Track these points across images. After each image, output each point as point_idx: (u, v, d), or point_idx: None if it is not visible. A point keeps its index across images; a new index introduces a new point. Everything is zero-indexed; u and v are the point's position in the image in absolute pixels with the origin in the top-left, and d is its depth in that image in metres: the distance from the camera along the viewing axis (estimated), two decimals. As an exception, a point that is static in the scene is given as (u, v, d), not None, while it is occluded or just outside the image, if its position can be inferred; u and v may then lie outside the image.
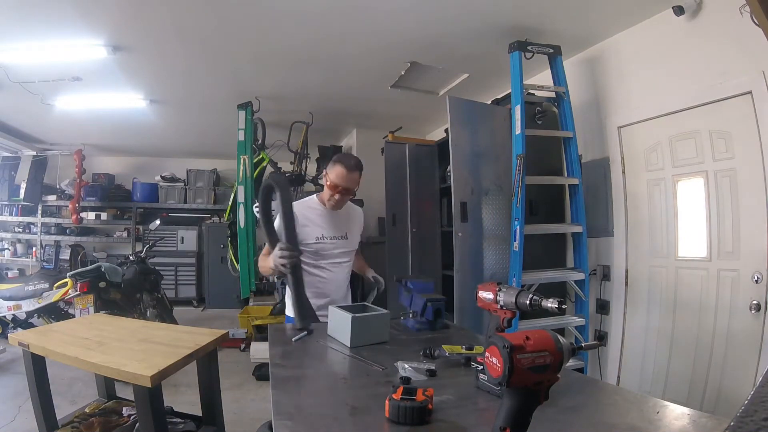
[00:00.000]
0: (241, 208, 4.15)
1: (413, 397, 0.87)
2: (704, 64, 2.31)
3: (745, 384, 2.12)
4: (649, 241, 2.69)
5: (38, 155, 5.87)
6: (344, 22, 2.74)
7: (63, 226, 6.37)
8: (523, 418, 0.64)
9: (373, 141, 4.96)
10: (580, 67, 3.10)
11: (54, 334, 2.07)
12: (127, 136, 5.62)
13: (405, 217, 3.94)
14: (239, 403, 2.99)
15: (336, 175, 1.81)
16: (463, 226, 2.89)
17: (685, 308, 2.46)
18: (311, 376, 1.16)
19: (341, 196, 1.84)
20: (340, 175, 1.81)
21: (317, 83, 3.84)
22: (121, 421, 2.15)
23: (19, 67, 3.29)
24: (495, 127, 3.10)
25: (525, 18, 2.65)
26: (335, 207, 1.89)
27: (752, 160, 2.12)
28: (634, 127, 2.76)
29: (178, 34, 2.90)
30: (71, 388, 3.03)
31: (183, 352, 1.75)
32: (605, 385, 1.37)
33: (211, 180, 6.87)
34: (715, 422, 0.87)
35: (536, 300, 0.99)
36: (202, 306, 6.50)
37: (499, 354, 0.62)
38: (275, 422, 0.89)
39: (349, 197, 1.90)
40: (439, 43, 3.03)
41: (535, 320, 2.59)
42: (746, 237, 2.18)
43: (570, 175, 2.92)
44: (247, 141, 4.20)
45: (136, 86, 3.87)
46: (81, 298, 3.49)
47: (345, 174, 1.81)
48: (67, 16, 2.60)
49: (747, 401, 0.36)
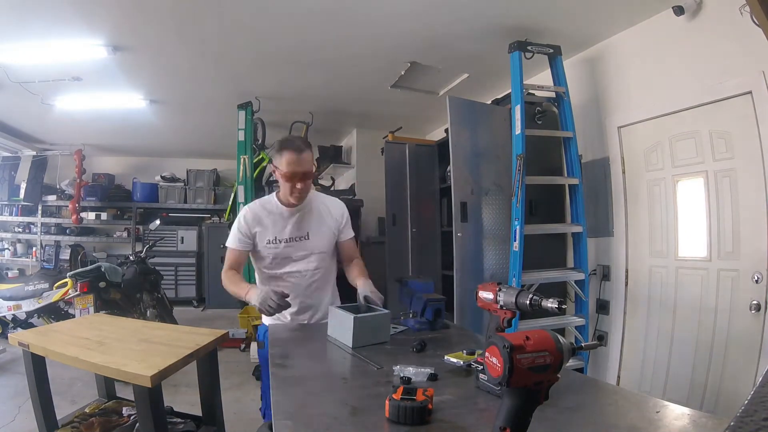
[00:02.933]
0: (241, 207, 4.14)
1: (413, 397, 0.87)
2: (704, 64, 2.31)
3: (745, 384, 2.12)
4: (649, 241, 2.69)
5: (38, 155, 5.87)
6: (344, 21, 2.74)
7: (63, 226, 6.37)
8: (523, 418, 0.64)
9: (373, 141, 4.96)
10: (580, 67, 3.10)
11: (54, 334, 2.06)
12: (127, 136, 5.62)
13: (405, 217, 3.94)
14: (239, 403, 2.98)
15: (288, 163, 1.64)
16: (463, 226, 2.89)
17: (685, 308, 2.46)
18: (311, 376, 1.16)
19: (302, 183, 1.66)
20: (291, 161, 1.64)
21: (317, 83, 3.84)
22: (121, 421, 2.14)
23: (19, 67, 3.29)
24: (495, 127, 3.10)
25: (525, 18, 2.65)
26: (301, 198, 1.72)
27: (752, 160, 2.12)
28: (634, 127, 2.76)
29: (178, 34, 2.90)
30: (71, 388, 3.03)
31: (183, 352, 1.74)
32: (605, 385, 1.37)
33: (211, 180, 6.87)
34: (715, 422, 0.87)
35: (536, 300, 0.99)
36: (202, 306, 6.49)
37: (499, 354, 0.62)
38: (275, 422, 0.89)
39: (310, 182, 1.73)
40: (439, 43, 3.02)
41: (535, 320, 2.59)
42: (746, 237, 2.18)
43: (570, 175, 2.92)
44: (247, 141, 4.20)
45: (136, 86, 3.87)
46: (81, 298, 3.48)
47: (296, 158, 1.64)
48: (67, 16, 2.60)
49: (747, 401, 0.36)
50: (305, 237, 1.77)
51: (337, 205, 1.88)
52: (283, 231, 1.75)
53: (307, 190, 1.71)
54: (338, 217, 1.85)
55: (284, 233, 1.75)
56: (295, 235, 1.75)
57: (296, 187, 1.67)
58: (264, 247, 1.75)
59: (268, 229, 1.74)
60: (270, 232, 1.74)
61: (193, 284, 6.63)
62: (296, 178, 1.65)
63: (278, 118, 4.57)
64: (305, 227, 1.77)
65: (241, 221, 1.77)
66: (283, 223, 1.76)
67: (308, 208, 1.80)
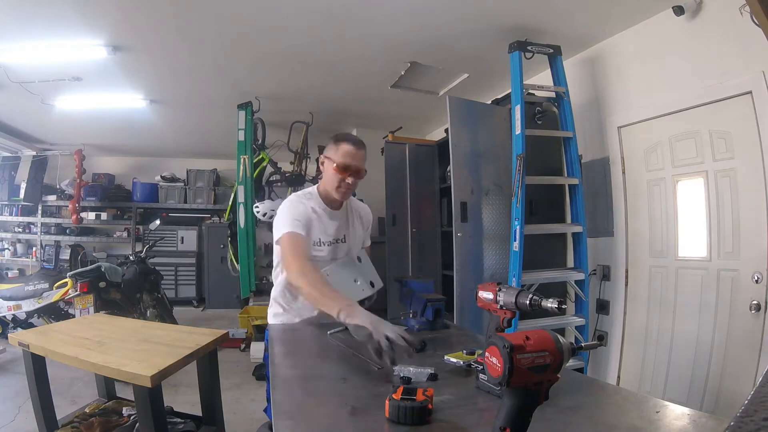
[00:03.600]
0: (241, 208, 4.15)
1: (413, 397, 0.87)
2: (704, 64, 2.31)
3: (745, 384, 2.12)
4: (649, 241, 2.69)
5: (38, 155, 5.87)
6: (344, 21, 2.74)
7: (63, 226, 6.37)
8: (523, 418, 0.64)
9: (373, 141, 4.91)
10: (580, 67, 3.10)
11: (54, 334, 2.07)
12: (127, 136, 5.62)
13: (405, 217, 3.94)
14: (239, 403, 2.98)
15: (344, 154, 1.57)
16: (463, 226, 2.89)
17: (685, 308, 2.46)
18: (311, 376, 1.16)
19: (354, 178, 1.60)
20: (349, 153, 1.57)
21: (317, 83, 3.84)
22: (121, 421, 2.15)
23: (19, 67, 3.29)
24: (495, 127, 3.10)
25: (525, 18, 2.65)
26: (346, 195, 1.66)
27: (752, 160, 2.12)
28: (634, 127, 2.76)
29: (178, 34, 2.90)
30: (71, 388, 3.03)
31: (183, 352, 1.75)
32: (605, 385, 1.37)
33: (211, 180, 6.87)
34: (715, 422, 0.87)
35: (536, 300, 0.99)
36: (202, 306, 6.49)
37: (499, 354, 0.62)
38: (275, 422, 0.89)
39: (358, 181, 1.64)
40: (439, 44, 3.03)
41: (535, 320, 2.59)
42: (746, 237, 2.18)
43: (570, 175, 2.92)
44: (247, 141, 4.20)
45: (136, 86, 3.87)
46: (81, 298, 3.48)
47: (354, 151, 1.58)
48: (67, 16, 2.60)
49: (747, 401, 0.36)
50: (342, 240, 1.71)
51: (367, 211, 1.86)
52: (327, 233, 1.66)
53: (354, 187, 1.65)
54: (367, 223, 1.84)
55: (328, 235, 1.66)
56: (337, 237, 1.69)
57: (345, 181, 1.60)
58: (311, 248, 1.61)
59: (315, 228, 1.63)
60: (316, 231, 1.63)
61: (193, 284, 6.63)
62: (348, 172, 1.59)
63: (278, 118, 4.56)
64: (343, 229, 1.72)
65: (300, 206, 1.61)
66: (327, 223, 1.67)
67: (348, 210, 1.76)
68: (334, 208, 1.70)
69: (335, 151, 1.61)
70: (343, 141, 1.61)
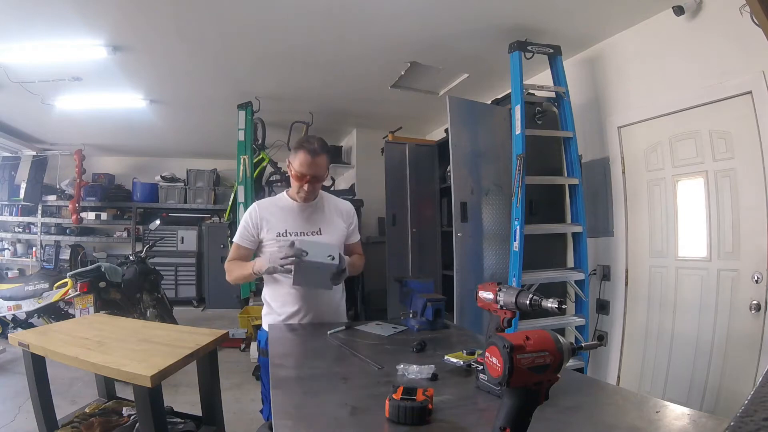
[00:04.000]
0: (241, 208, 4.14)
1: (413, 397, 0.87)
2: (704, 64, 2.31)
3: (745, 384, 2.12)
4: (649, 241, 2.69)
5: (38, 155, 5.87)
6: (344, 21, 2.74)
7: (63, 226, 6.37)
8: (523, 418, 0.64)
9: (373, 141, 4.96)
10: (580, 67, 3.10)
11: (54, 334, 2.07)
12: (127, 136, 5.62)
13: (405, 217, 3.94)
14: (239, 403, 2.99)
15: (300, 163, 1.66)
16: (463, 226, 2.89)
17: (685, 308, 2.46)
18: (311, 376, 1.16)
19: (310, 185, 1.68)
20: (304, 162, 1.65)
21: (317, 83, 3.84)
22: (121, 421, 2.15)
23: (19, 67, 3.29)
24: (495, 127, 3.10)
25: (525, 18, 2.65)
26: (307, 199, 1.74)
27: (752, 160, 2.12)
28: (634, 127, 2.76)
29: (178, 34, 2.90)
30: (71, 388, 3.03)
31: (183, 352, 1.75)
32: (605, 385, 1.37)
33: (211, 180, 6.87)
34: (715, 422, 0.87)
35: (536, 300, 0.99)
36: (202, 306, 6.50)
37: (499, 354, 0.62)
38: (275, 422, 0.89)
39: (319, 185, 1.74)
40: (439, 44, 3.02)
41: (535, 320, 2.59)
42: (746, 237, 2.18)
43: (570, 175, 2.92)
44: (247, 141, 4.20)
45: (136, 86, 3.87)
46: (81, 298, 3.49)
47: (309, 160, 1.64)
48: (67, 16, 2.60)
49: (747, 401, 0.36)
50: (317, 232, 1.75)
51: (347, 207, 1.88)
52: (294, 224, 1.73)
53: (313, 192, 1.73)
54: (348, 218, 1.85)
55: (295, 226, 1.73)
56: (306, 229, 1.74)
57: (303, 188, 1.69)
58: (274, 240, 1.70)
59: (277, 221, 1.72)
60: (280, 224, 1.72)
61: (193, 284, 6.63)
62: (304, 180, 1.67)
63: (278, 118, 4.56)
64: (317, 222, 1.76)
65: (248, 215, 1.76)
66: (293, 216, 1.75)
67: (319, 205, 1.80)
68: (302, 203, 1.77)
69: (294, 158, 1.69)
70: (300, 149, 1.67)
